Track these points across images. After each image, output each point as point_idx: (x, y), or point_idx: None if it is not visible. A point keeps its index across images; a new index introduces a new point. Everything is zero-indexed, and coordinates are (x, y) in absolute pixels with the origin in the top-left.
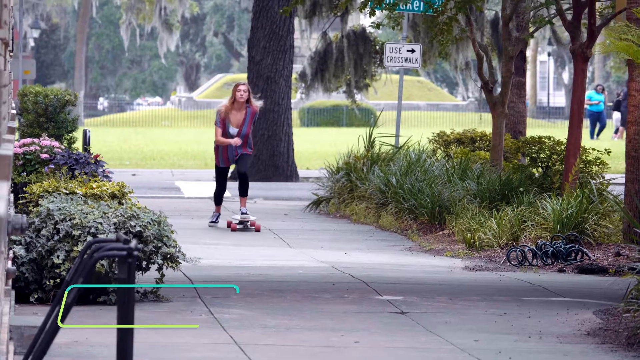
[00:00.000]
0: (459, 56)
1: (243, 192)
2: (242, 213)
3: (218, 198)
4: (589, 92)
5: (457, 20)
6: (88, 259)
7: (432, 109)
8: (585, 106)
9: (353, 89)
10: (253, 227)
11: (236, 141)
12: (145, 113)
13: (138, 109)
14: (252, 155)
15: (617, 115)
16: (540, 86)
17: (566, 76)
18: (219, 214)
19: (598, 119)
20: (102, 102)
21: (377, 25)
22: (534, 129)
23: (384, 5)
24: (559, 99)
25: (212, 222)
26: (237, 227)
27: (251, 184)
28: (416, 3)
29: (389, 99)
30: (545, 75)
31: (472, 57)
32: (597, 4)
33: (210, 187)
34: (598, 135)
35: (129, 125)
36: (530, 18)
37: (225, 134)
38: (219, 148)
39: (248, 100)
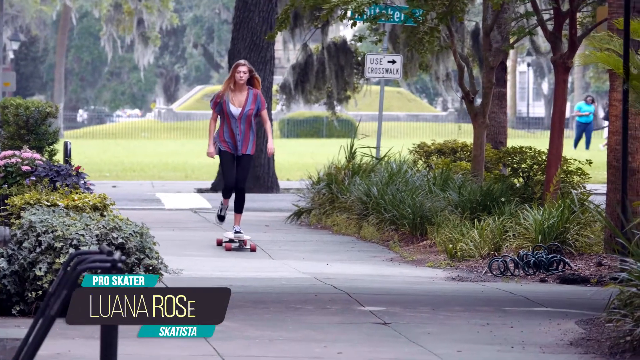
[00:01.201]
0: (439, 67)
1: (239, 207)
2: (236, 232)
3: (225, 192)
4: (579, 103)
5: (439, 30)
6: (72, 271)
7: (412, 120)
8: (575, 117)
9: (334, 100)
10: (248, 247)
11: (210, 153)
12: (125, 125)
13: (117, 121)
14: (254, 159)
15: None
16: (520, 96)
17: (545, 86)
18: (227, 206)
19: (585, 130)
20: (82, 114)
21: (360, 39)
22: (514, 139)
23: (366, 17)
24: (539, 110)
25: (218, 214)
26: (232, 246)
27: None
28: (397, 14)
29: (368, 110)
30: (525, 86)
31: (452, 68)
32: (578, 15)
33: (191, 199)
34: (587, 146)
35: (108, 137)
36: (511, 29)
37: (226, 113)
38: (221, 127)
39: (250, 82)
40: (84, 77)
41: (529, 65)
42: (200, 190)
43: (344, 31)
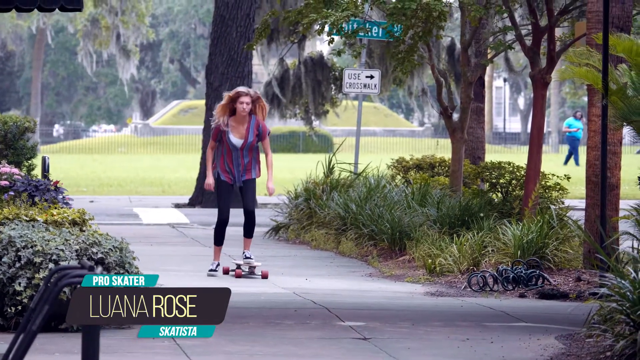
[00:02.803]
0: (413, 82)
1: (248, 232)
2: (246, 257)
3: (217, 234)
4: (568, 119)
5: (417, 48)
6: (53, 286)
7: (389, 135)
8: (565, 133)
9: (311, 115)
10: (259, 275)
11: (208, 185)
12: (102, 140)
13: (94, 136)
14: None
15: None
16: (496, 112)
17: (522, 102)
18: (218, 262)
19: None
20: (58, 129)
21: (339, 53)
22: (491, 154)
23: (344, 32)
24: (515, 125)
25: (210, 270)
26: (242, 273)
27: (207, 210)
28: (375, 29)
29: (345, 125)
30: (501, 101)
31: (428, 83)
32: (557, 30)
33: (169, 214)
34: (577, 161)
35: (85, 152)
36: (489, 43)
37: (227, 144)
38: (221, 157)
39: (253, 111)
40: (60, 92)
41: (505, 80)
42: (177, 205)
43: (321, 46)
